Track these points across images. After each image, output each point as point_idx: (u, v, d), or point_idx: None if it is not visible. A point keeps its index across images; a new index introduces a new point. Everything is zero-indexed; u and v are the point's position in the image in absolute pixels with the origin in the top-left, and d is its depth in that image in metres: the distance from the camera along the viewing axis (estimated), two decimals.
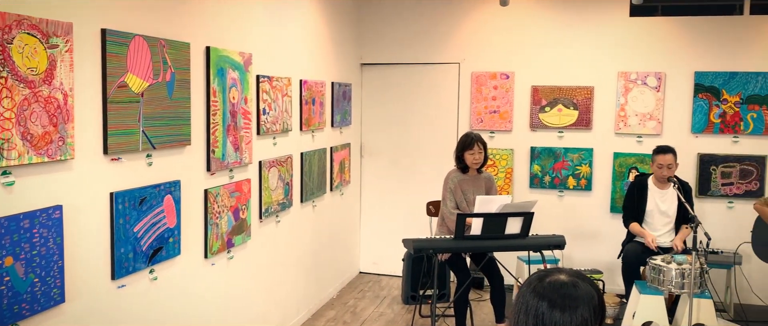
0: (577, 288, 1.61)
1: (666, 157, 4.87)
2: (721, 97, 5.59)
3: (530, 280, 1.67)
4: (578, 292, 1.61)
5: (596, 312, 1.61)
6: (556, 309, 1.59)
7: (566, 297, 1.60)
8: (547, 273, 1.67)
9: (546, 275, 1.66)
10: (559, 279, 1.64)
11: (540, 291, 1.63)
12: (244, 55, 4.00)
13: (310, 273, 5.29)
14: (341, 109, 5.78)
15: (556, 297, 1.60)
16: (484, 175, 4.85)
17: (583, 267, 5.43)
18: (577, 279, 1.63)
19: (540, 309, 1.60)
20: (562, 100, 5.92)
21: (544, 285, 1.63)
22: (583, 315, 1.59)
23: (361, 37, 6.31)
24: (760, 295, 5.44)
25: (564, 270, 1.68)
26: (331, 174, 5.57)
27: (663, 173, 4.87)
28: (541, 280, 1.65)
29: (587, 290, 1.62)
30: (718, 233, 5.50)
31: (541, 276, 1.66)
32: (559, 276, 1.65)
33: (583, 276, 1.66)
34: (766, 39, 5.53)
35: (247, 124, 4.06)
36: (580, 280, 1.63)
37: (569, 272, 1.67)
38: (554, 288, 1.62)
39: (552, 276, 1.65)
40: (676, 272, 4.36)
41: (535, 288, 1.64)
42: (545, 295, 1.61)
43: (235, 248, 4.03)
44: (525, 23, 5.97)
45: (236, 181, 3.97)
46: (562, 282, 1.63)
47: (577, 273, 1.67)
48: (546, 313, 1.60)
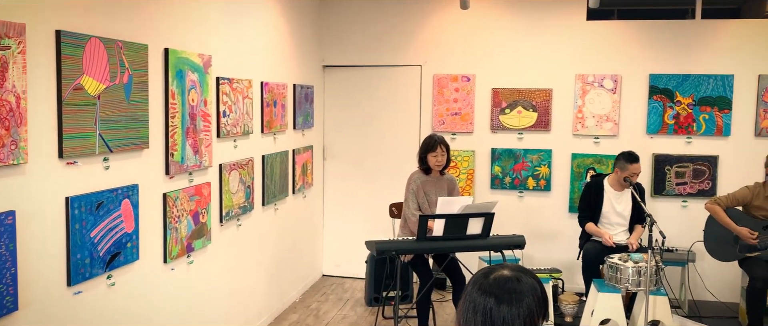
0: (520, 282, 1.67)
1: (639, 165, 4.99)
2: (674, 98, 5.74)
3: (475, 279, 1.71)
4: (522, 286, 1.66)
5: (540, 302, 1.68)
6: (504, 304, 1.64)
7: (512, 292, 1.65)
8: (490, 270, 1.72)
9: (490, 272, 1.71)
10: (504, 275, 1.69)
11: (486, 288, 1.67)
12: (203, 56, 3.95)
13: (273, 277, 5.25)
14: (303, 112, 5.76)
15: (502, 293, 1.65)
16: (447, 177, 4.89)
17: (542, 267, 5.51)
18: (520, 274, 1.69)
19: (488, 306, 1.65)
20: (522, 102, 6.01)
21: (489, 281, 1.68)
22: (529, 307, 1.65)
23: (323, 39, 6.30)
24: (713, 291, 5.61)
25: (507, 265, 1.73)
26: (293, 177, 5.54)
27: (634, 180, 4.99)
28: (486, 277, 1.70)
29: (530, 283, 1.68)
30: (673, 231, 5.65)
31: (485, 274, 1.71)
32: (502, 272, 1.70)
33: (525, 270, 1.73)
34: (716, 42, 5.70)
35: (206, 127, 4.01)
36: (522, 274, 1.69)
37: (512, 267, 1.72)
38: (499, 284, 1.67)
39: (496, 272, 1.70)
40: (633, 270, 4.46)
41: (481, 285, 1.68)
42: (491, 292, 1.66)
43: (195, 252, 3.98)
44: (485, 26, 6.04)
45: (196, 185, 3.93)
46: (506, 278, 1.68)
47: (520, 268, 1.73)
48: (494, 309, 1.64)
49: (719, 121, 5.69)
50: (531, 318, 1.65)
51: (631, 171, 4.97)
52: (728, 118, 5.68)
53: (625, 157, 5.00)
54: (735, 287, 5.53)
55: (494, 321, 1.64)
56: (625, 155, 5.02)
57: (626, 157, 5.00)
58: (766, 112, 5.62)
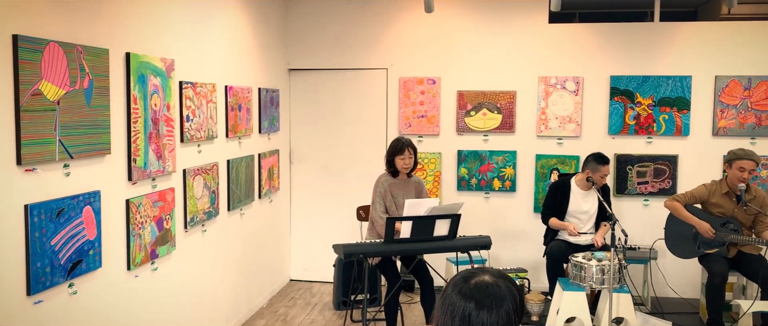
0: (500, 288, 1.67)
1: (608, 168, 5.10)
2: (635, 99, 5.87)
3: (455, 282, 1.70)
4: (502, 292, 1.66)
5: (517, 308, 1.68)
6: (484, 310, 1.64)
7: (492, 297, 1.65)
8: (471, 274, 1.71)
9: (470, 276, 1.70)
10: (485, 280, 1.68)
11: (466, 292, 1.67)
12: (166, 61, 3.91)
13: (239, 282, 5.21)
14: (269, 115, 5.73)
15: (482, 298, 1.65)
16: (414, 179, 4.92)
17: (508, 266, 5.58)
18: (500, 279, 1.69)
19: (467, 310, 1.64)
20: (487, 105, 6.07)
21: (469, 286, 1.67)
22: (507, 313, 1.65)
23: (288, 43, 6.27)
24: (674, 288, 5.73)
25: (487, 270, 1.73)
26: (259, 181, 5.51)
27: (602, 181, 5.08)
28: (467, 282, 1.69)
29: (509, 288, 1.68)
30: (635, 230, 5.77)
31: (465, 278, 1.70)
32: (483, 277, 1.69)
33: (504, 276, 1.73)
34: (675, 44, 5.84)
35: (170, 132, 3.97)
36: (502, 280, 1.69)
37: (492, 272, 1.72)
38: (480, 289, 1.66)
39: (477, 277, 1.70)
40: (597, 268, 4.54)
41: (461, 289, 1.67)
42: (472, 296, 1.66)
43: (160, 259, 3.93)
44: (450, 29, 6.09)
45: (159, 190, 3.88)
46: (487, 283, 1.68)
47: (499, 273, 1.73)
48: (473, 314, 1.64)
49: (678, 121, 5.83)
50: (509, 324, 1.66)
51: (601, 173, 5.06)
52: (687, 118, 5.82)
53: (596, 159, 5.10)
54: (695, 283, 5.67)
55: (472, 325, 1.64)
56: (596, 156, 5.12)
57: (597, 158, 5.10)
58: (722, 112, 5.78)
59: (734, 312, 5.18)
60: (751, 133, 5.75)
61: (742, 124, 5.75)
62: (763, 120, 5.73)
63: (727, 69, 5.76)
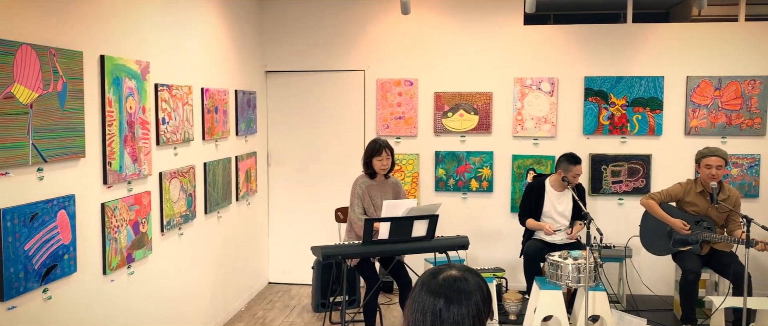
0: (468, 282, 1.70)
1: (580, 167, 5.15)
2: (609, 100, 5.95)
3: (423, 280, 1.72)
4: (470, 285, 1.69)
5: (486, 300, 1.71)
6: (454, 304, 1.66)
7: (461, 291, 1.68)
8: (438, 270, 1.74)
9: (438, 272, 1.73)
10: (452, 275, 1.71)
11: (434, 288, 1.69)
12: (141, 63, 3.88)
13: (217, 286, 5.18)
14: (246, 118, 5.70)
15: (451, 293, 1.67)
16: (392, 180, 4.93)
17: (486, 266, 5.61)
18: (466, 273, 1.72)
19: (437, 306, 1.66)
20: (464, 106, 6.11)
21: (438, 282, 1.69)
22: (477, 304, 1.68)
23: (265, 45, 6.25)
24: (649, 285, 5.81)
25: (453, 265, 1.76)
26: (236, 184, 5.48)
27: (575, 182, 5.14)
28: (434, 278, 1.71)
29: (477, 281, 1.71)
30: (610, 228, 5.85)
31: (433, 274, 1.72)
32: (450, 272, 1.72)
33: (471, 269, 1.75)
34: (647, 45, 5.93)
35: (145, 135, 3.93)
36: (469, 273, 1.72)
37: (458, 267, 1.75)
38: (448, 285, 1.69)
39: (444, 272, 1.72)
40: (573, 267, 4.59)
41: (430, 287, 1.69)
42: (441, 292, 1.68)
43: (136, 263, 3.89)
44: (427, 31, 6.12)
45: (135, 194, 3.84)
46: (455, 277, 1.70)
47: (466, 268, 1.76)
48: (443, 309, 1.66)
49: (651, 121, 5.92)
50: (479, 316, 1.68)
51: (574, 172, 5.12)
52: (660, 118, 5.91)
53: (568, 159, 5.15)
54: (669, 280, 5.76)
55: (444, 322, 1.66)
56: (568, 157, 5.17)
57: (569, 158, 5.15)
58: (694, 112, 5.88)
59: (707, 309, 5.28)
60: (722, 132, 5.86)
61: (713, 123, 5.86)
62: (733, 119, 5.84)
63: (698, 69, 5.86)
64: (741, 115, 5.83)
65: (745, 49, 5.82)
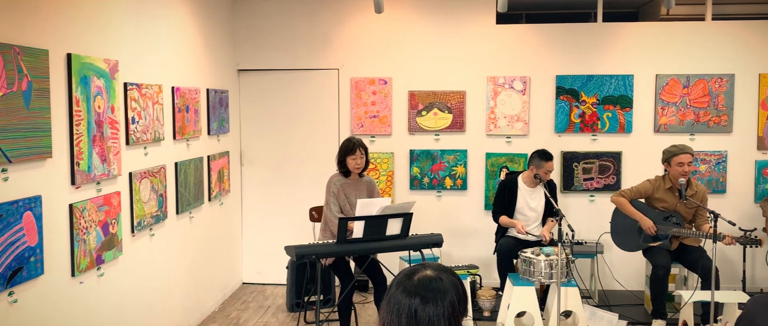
0: (443, 281, 1.69)
1: (552, 163, 5.20)
2: (580, 98, 6.01)
3: (398, 280, 1.72)
4: (445, 284, 1.69)
5: (461, 298, 1.71)
6: (429, 304, 1.66)
7: (436, 291, 1.67)
8: (413, 271, 1.73)
9: (412, 273, 1.72)
10: (427, 275, 1.70)
11: (410, 288, 1.68)
12: (109, 61, 3.82)
13: (189, 287, 5.13)
14: (218, 117, 5.66)
15: (427, 293, 1.67)
16: (366, 179, 4.93)
17: (460, 263, 5.64)
18: (441, 272, 1.72)
19: (413, 307, 1.66)
20: (438, 104, 6.13)
21: (413, 282, 1.69)
22: (452, 303, 1.68)
23: (237, 43, 6.21)
24: (620, 281, 5.89)
25: (428, 265, 1.75)
26: (208, 184, 5.43)
27: (547, 178, 5.18)
28: (410, 278, 1.70)
29: (452, 280, 1.71)
30: (582, 225, 5.92)
31: (408, 275, 1.72)
32: (425, 272, 1.71)
33: (445, 268, 1.76)
34: (617, 44, 6.01)
35: (114, 134, 3.88)
36: (444, 272, 1.72)
37: (433, 266, 1.74)
38: (424, 285, 1.68)
39: (419, 272, 1.72)
40: (545, 263, 4.64)
41: (405, 287, 1.69)
42: (416, 292, 1.67)
43: (106, 264, 3.83)
44: (400, 30, 6.13)
45: (105, 194, 3.79)
46: (430, 277, 1.70)
47: (440, 266, 1.76)
48: (419, 309, 1.65)
49: (622, 118, 6.00)
50: (454, 314, 1.68)
51: (545, 168, 5.17)
52: (630, 115, 5.99)
53: (540, 156, 5.20)
54: (640, 276, 5.84)
55: (419, 321, 1.65)
56: (540, 153, 5.22)
57: (540, 155, 5.20)
58: (663, 110, 5.97)
59: (677, 303, 5.36)
60: (690, 129, 5.96)
61: (681, 120, 5.96)
62: (701, 116, 5.95)
63: (667, 68, 5.96)
64: (708, 112, 5.94)
65: (712, 47, 5.93)
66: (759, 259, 5.90)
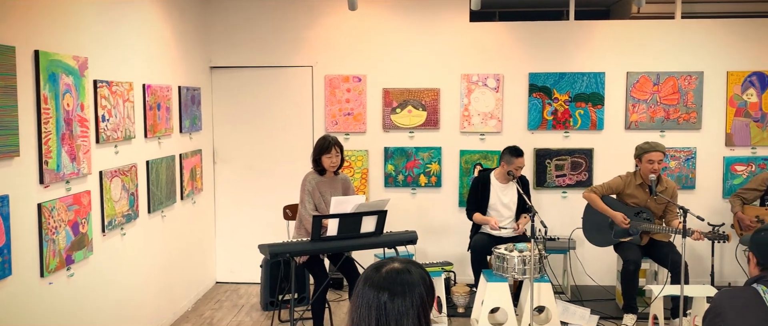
0: (411, 274, 1.71)
1: (523, 159, 5.24)
2: (552, 95, 6.07)
3: (366, 276, 1.73)
4: (413, 277, 1.71)
5: (429, 290, 1.73)
6: (398, 297, 1.67)
7: (404, 284, 1.69)
8: (380, 265, 1.75)
9: (380, 267, 1.74)
10: (395, 268, 1.72)
11: (378, 282, 1.69)
12: (78, 59, 3.76)
13: (162, 287, 5.07)
14: (190, 114, 5.60)
15: (395, 286, 1.68)
16: (341, 177, 4.92)
17: (435, 260, 5.66)
18: (409, 265, 1.74)
19: (381, 300, 1.67)
20: (412, 102, 6.14)
21: (381, 276, 1.70)
22: (420, 295, 1.70)
23: (210, 40, 6.15)
24: (593, 276, 5.96)
25: (395, 259, 1.77)
26: (181, 182, 5.37)
27: (518, 174, 5.22)
28: (377, 272, 1.72)
29: (419, 273, 1.73)
30: (555, 221, 5.98)
31: (375, 269, 1.73)
32: (393, 266, 1.73)
33: (413, 262, 1.77)
34: (589, 42, 6.08)
35: (84, 132, 3.82)
36: (411, 265, 1.74)
37: (400, 260, 1.76)
38: (392, 278, 1.70)
39: (386, 266, 1.73)
40: (518, 259, 4.68)
41: (373, 281, 1.70)
42: (384, 286, 1.69)
43: (76, 264, 3.78)
44: (374, 27, 6.13)
45: (74, 194, 3.73)
46: (398, 270, 1.71)
47: (407, 260, 1.77)
48: (388, 302, 1.67)
49: (593, 115, 6.07)
50: (423, 306, 1.70)
51: (516, 165, 5.21)
52: (601, 113, 6.07)
53: (510, 152, 5.24)
54: (611, 271, 5.92)
55: (389, 315, 1.67)
56: (510, 150, 5.25)
57: (511, 151, 5.24)
58: (634, 107, 6.06)
59: (647, 297, 5.44)
60: (661, 126, 6.05)
61: (652, 117, 6.05)
62: (671, 113, 6.04)
63: (638, 65, 6.04)
64: (678, 109, 6.04)
65: (681, 45, 6.02)
66: (727, 254, 6.03)
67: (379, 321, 1.66)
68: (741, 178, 6.02)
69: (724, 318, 2.51)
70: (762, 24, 5.99)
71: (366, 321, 1.68)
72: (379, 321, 1.66)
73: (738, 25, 6.00)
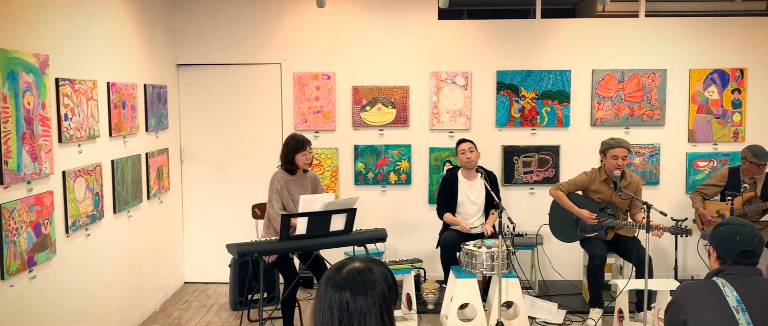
0: (373, 272, 1.72)
1: (464, 145, 5.36)
2: (519, 93, 6.13)
3: (328, 276, 1.73)
4: (374, 275, 1.72)
5: (390, 286, 1.74)
6: (359, 296, 1.68)
7: (366, 282, 1.70)
8: (342, 265, 1.75)
9: (341, 266, 1.74)
10: (356, 267, 1.73)
11: (340, 282, 1.70)
12: (39, 56, 3.68)
13: (129, 288, 5.00)
14: (156, 113, 5.52)
15: (356, 285, 1.69)
16: (310, 175, 4.90)
17: (405, 257, 5.67)
18: (370, 264, 1.74)
19: (343, 300, 1.67)
20: (381, 100, 6.14)
21: (342, 276, 1.71)
22: (382, 293, 1.70)
23: (176, 37, 6.07)
24: (560, 271, 6.04)
25: (356, 258, 1.78)
26: (147, 182, 5.30)
27: (467, 156, 5.28)
28: (339, 272, 1.72)
29: (381, 270, 1.74)
30: (522, 217, 6.04)
31: (337, 269, 1.74)
32: (354, 265, 1.74)
33: (374, 260, 1.78)
34: (555, 40, 6.15)
35: (46, 132, 3.74)
36: (373, 264, 1.75)
37: (362, 259, 1.77)
38: (352, 277, 1.70)
39: (347, 266, 1.74)
40: (487, 255, 4.72)
41: (335, 281, 1.70)
42: (346, 286, 1.69)
43: (38, 266, 3.70)
44: (343, 25, 6.11)
45: (36, 194, 3.65)
46: (359, 269, 1.72)
47: (369, 259, 1.78)
48: (350, 302, 1.67)
49: (560, 113, 6.15)
50: (386, 304, 1.71)
51: (460, 149, 5.33)
52: (567, 110, 6.15)
53: (457, 144, 5.44)
54: (578, 266, 6.00)
55: (351, 314, 1.67)
56: (457, 142, 5.46)
57: (457, 143, 5.45)
58: (599, 104, 6.15)
59: (613, 291, 5.53)
60: (625, 123, 6.15)
61: (616, 114, 6.15)
62: (635, 110, 6.15)
63: (603, 63, 6.13)
64: (642, 106, 6.14)
65: (645, 43, 6.13)
66: (690, 248, 6.16)
67: (342, 320, 1.66)
68: (703, 174, 6.15)
69: (685, 311, 2.57)
70: (723, 23, 6.13)
71: (329, 322, 1.68)
72: (342, 320, 1.66)
73: (700, 24, 6.13)
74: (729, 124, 6.14)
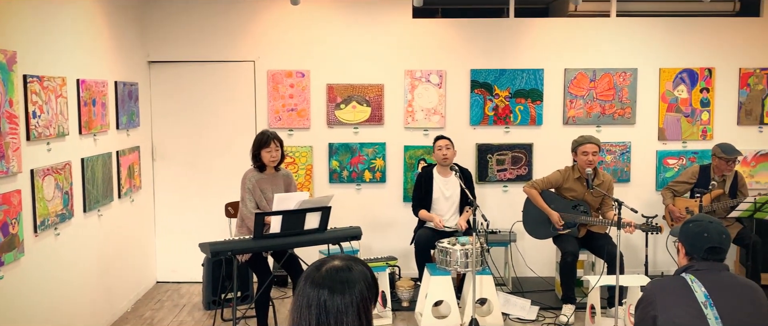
0: (352, 271, 1.72)
1: (442, 141, 5.41)
2: (493, 92, 6.17)
3: (307, 274, 1.73)
4: (354, 274, 1.72)
5: (370, 286, 1.74)
6: (337, 294, 1.68)
7: (344, 281, 1.70)
8: (321, 263, 1.75)
9: (321, 265, 1.74)
10: (335, 266, 1.73)
11: (318, 281, 1.69)
12: (6, 52, 3.60)
13: (100, 288, 4.92)
14: (127, 110, 5.45)
15: (334, 284, 1.69)
16: (283, 172, 4.87)
17: (380, 255, 5.68)
18: (350, 263, 1.74)
19: (322, 298, 1.67)
20: (356, 98, 6.14)
21: (321, 274, 1.71)
22: (361, 292, 1.70)
23: (147, 34, 5.99)
24: (533, 268, 6.10)
25: (336, 257, 1.77)
26: (118, 180, 5.23)
27: (443, 153, 5.31)
28: (318, 270, 1.72)
29: (361, 270, 1.74)
30: (496, 214, 6.09)
31: (317, 267, 1.74)
32: (333, 263, 1.73)
33: (355, 259, 1.78)
34: (528, 39, 6.20)
35: (13, 129, 3.67)
36: (353, 263, 1.74)
37: (342, 257, 1.77)
38: (331, 276, 1.70)
39: (327, 264, 1.74)
40: (461, 253, 4.75)
41: (314, 279, 1.70)
42: (324, 284, 1.69)
43: (6, 267, 3.63)
44: (317, 22, 6.09)
45: (3, 193, 3.58)
46: (337, 268, 1.72)
47: (350, 257, 1.78)
48: (328, 300, 1.67)
49: (533, 111, 6.20)
50: (364, 303, 1.71)
51: (436, 146, 5.43)
52: (540, 108, 6.20)
53: (434, 140, 5.48)
54: (551, 262, 6.07)
55: (329, 312, 1.67)
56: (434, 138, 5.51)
57: (434, 139, 5.50)
58: (571, 103, 6.22)
59: (585, 287, 5.60)
60: (597, 121, 6.23)
61: (588, 113, 6.22)
62: (607, 109, 6.23)
63: (575, 62, 6.20)
64: (613, 105, 6.22)
65: (616, 43, 6.21)
66: (660, 245, 6.26)
67: (319, 318, 1.66)
68: (673, 171, 6.26)
69: (656, 307, 2.61)
70: (692, 23, 6.24)
71: (306, 320, 1.68)
72: (319, 318, 1.66)
73: (670, 24, 6.23)
74: (698, 123, 6.26)
